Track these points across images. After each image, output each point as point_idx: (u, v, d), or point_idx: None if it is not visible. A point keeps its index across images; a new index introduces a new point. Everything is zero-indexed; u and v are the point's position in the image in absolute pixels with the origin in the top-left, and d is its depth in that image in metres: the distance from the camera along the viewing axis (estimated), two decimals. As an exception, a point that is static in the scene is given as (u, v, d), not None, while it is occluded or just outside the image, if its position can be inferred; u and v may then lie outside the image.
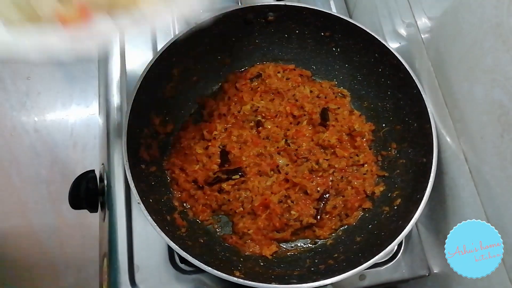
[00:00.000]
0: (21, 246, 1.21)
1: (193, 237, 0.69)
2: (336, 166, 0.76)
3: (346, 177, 0.76)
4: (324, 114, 0.79)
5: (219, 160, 0.76)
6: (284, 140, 0.77)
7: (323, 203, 0.74)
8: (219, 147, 0.77)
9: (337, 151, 0.77)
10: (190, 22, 0.72)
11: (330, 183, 0.75)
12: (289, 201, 0.73)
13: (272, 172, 0.75)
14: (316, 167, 0.75)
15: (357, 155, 0.78)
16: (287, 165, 0.76)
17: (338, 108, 0.81)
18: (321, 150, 0.77)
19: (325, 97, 0.82)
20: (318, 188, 0.74)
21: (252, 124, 0.80)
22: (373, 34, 0.75)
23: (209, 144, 0.77)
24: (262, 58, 0.85)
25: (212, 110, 0.81)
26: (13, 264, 1.19)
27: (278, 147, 0.77)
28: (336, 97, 0.84)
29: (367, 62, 0.80)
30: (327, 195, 0.74)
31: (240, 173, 0.74)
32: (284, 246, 0.74)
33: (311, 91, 0.82)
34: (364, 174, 0.77)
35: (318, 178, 0.75)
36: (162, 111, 0.76)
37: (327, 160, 0.76)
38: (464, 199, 0.66)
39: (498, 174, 0.57)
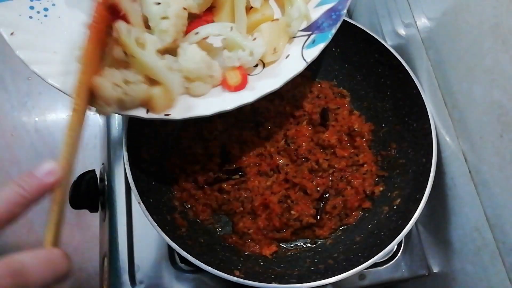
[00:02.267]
0: (21, 246, 1.21)
1: (193, 237, 0.69)
2: (336, 166, 0.76)
3: (345, 177, 0.76)
4: (324, 114, 0.79)
5: (219, 160, 0.76)
6: (284, 140, 0.78)
7: (322, 203, 0.74)
8: (219, 147, 0.77)
9: (337, 151, 0.77)
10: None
11: (330, 183, 0.75)
12: (289, 201, 0.73)
13: (272, 172, 0.76)
14: (316, 167, 0.75)
15: (356, 155, 0.78)
16: (287, 165, 0.76)
17: (338, 108, 0.81)
18: (321, 150, 0.78)
19: (325, 97, 0.83)
20: (318, 188, 0.74)
21: (252, 124, 0.80)
22: (372, 34, 0.75)
23: (209, 144, 0.77)
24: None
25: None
26: (14, 264, 1.19)
27: (278, 147, 0.77)
28: (335, 97, 0.84)
29: (366, 62, 0.80)
30: (326, 195, 0.74)
31: (240, 173, 0.74)
32: (284, 246, 0.74)
33: (311, 91, 0.83)
34: (364, 174, 0.77)
35: (318, 178, 0.75)
36: (162, 111, 0.76)
37: (327, 160, 0.76)
38: (464, 199, 0.66)
39: (498, 174, 0.58)
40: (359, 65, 0.81)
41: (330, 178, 0.76)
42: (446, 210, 0.71)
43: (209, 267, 0.59)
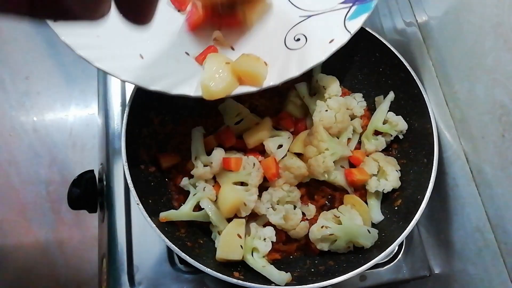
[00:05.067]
0: (20, 246, 1.21)
1: (193, 238, 0.69)
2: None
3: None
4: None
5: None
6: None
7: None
8: (215, 144, 0.76)
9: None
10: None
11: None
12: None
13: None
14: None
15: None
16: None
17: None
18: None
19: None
20: (323, 194, 0.74)
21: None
22: (374, 33, 0.75)
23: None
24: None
25: (210, 108, 0.80)
26: (13, 264, 1.19)
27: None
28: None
29: (368, 62, 0.79)
30: (332, 200, 0.74)
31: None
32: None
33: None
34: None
35: (323, 186, 0.73)
36: (161, 111, 0.76)
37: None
38: (465, 199, 0.66)
39: (499, 174, 0.57)
40: (361, 64, 0.81)
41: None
42: (447, 210, 0.71)
43: (208, 269, 0.59)
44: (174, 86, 0.58)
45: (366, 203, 0.73)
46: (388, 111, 0.77)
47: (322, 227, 0.66)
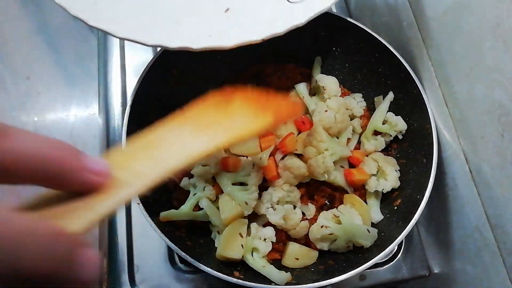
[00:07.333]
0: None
1: (193, 237, 0.69)
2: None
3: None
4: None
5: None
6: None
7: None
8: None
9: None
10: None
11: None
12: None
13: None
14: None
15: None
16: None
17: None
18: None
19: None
20: (323, 193, 0.74)
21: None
22: (373, 33, 0.75)
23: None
24: (261, 58, 0.85)
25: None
26: (13, 264, 1.19)
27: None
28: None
29: (367, 62, 0.79)
30: (332, 200, 0.74)
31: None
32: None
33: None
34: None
35: (323, 186, 0.74)
36: (161, 111, 0.76)
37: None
38: (465, 199, 0.66)
39: (499, 174, 0.57)
40: (360, 64, 0.81)
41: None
42: (446, 210, 0.71)
43: (209, 268, 0.59)
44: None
45: (366, 203, 0.73)
46: (388, 111, 0.77)
47: (322, 226, 0.67)
